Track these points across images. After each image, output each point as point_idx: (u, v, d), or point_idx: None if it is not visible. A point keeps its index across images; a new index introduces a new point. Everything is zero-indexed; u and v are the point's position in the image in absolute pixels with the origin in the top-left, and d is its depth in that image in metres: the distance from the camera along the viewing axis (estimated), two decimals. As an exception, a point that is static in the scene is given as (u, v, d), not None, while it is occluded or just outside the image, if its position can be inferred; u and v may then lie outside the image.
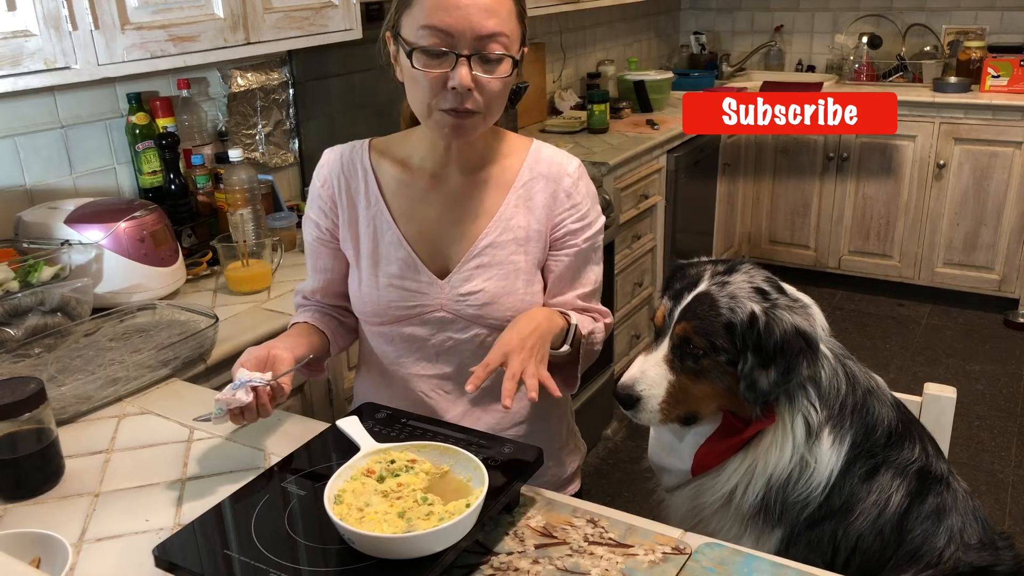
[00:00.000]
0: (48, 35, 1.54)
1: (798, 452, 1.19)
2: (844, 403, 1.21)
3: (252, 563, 0.92)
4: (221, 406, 1.13)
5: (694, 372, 1.20)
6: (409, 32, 1.16)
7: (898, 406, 1.27)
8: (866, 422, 1.21)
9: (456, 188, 1.29)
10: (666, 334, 1.23)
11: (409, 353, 1.34)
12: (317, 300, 1.42)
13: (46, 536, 1.01)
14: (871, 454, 1.20)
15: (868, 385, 1.25)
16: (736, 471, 1.23)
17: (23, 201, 1.89)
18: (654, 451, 1.37)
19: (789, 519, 1.21)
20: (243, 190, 2.02)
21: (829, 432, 1.19)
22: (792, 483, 1.20)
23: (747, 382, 1.16)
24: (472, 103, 1.15)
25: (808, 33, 4.59)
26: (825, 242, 4.28)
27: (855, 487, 1.19)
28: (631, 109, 3.79)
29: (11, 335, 1.49)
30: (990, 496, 2.78)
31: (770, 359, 1.15)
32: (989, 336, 3.85)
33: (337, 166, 1.33)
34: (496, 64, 1.16)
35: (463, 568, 0.98)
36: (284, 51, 2.18)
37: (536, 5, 2.96)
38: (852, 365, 1.26)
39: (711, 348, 1.18)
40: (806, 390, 1.19)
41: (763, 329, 1.15)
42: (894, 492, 1.20)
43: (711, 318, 1.18)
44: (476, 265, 1.28)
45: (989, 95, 3.77)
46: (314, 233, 1.36)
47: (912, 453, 1.22)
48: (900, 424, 1.24)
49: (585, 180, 1.32)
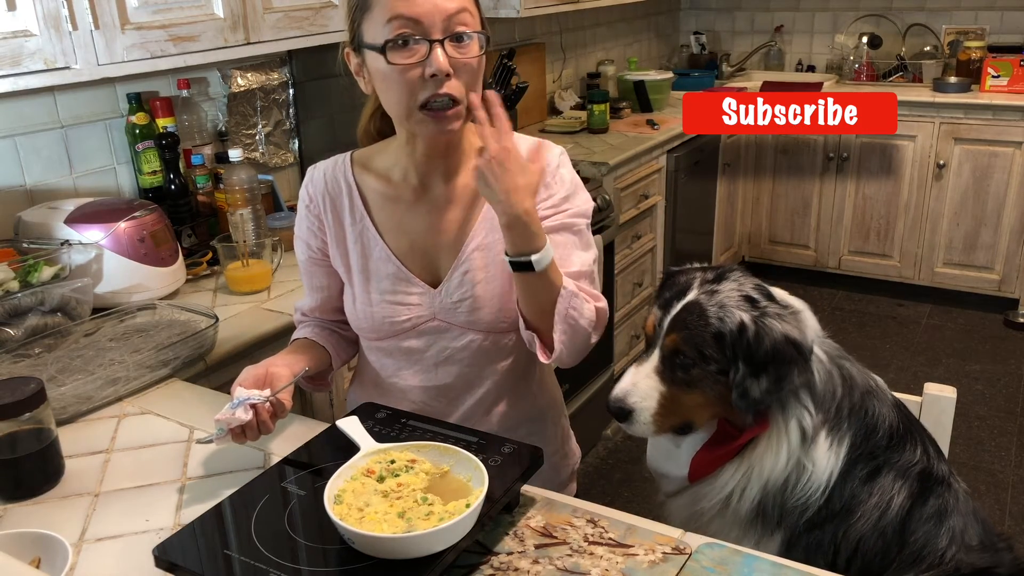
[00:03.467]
0: (48, 35, 1.54)
1: (794, 456, 1.19)
2: (840, 406, 1.21)
3: (252, 563, 0.92)
4: (221, 426, 1.13)
5: (685, 383, 1.20)
6: (374, 34, 1.14)
7: (899, 407, 1.27)
8: (865, 423, 1.21)
9: (440, 197, 1.28)
10: (656, 344, 1.23)
11: (408, 365, 1.33)
12: (316, 317, 1.42)
13: (46, 536, 1.01)
14: (872, 456, 1.20)
15: (867, 386, 1.25)
16: (732, 477, 1.23)
17: (23, 201, 1.89)
18: (653, 457, 1.37)
19: (789, 523, 1.21)
20: (243, 190, 2.02)
21: (826, 435, 1.19)
22: (790, 487, 1.20)
23: (739, 391, 1.16)
24: (452, 88, 1.14)
25: (808, 33, 4.59)
26: (825, 242, 4.28)
27: (856, 489, 1.19)
28: (631, 109, 3.79)
29: (11, 335, 1.49)
30: (990, 496, 2.78)
31: (761, 368, 1.15)
32: (989, 336, 3.85)
33: (321, 184, 1.32)
34: (468, 43, 1.15)
35: (463, 568, 0.98)
36: (284, 51, 2.18)
37: (536, 5, 2.96)
38: (849, 366, 1.26)
39: (701, 358, 1.18)
40: (799, 395, 1.19)
41: (752, 339, 1.15)
42: (896, 494, 1.20)
43: (700, 328, 1.18)
44: (465, 271, 1.27)
45: (989, 95, 3.77)
46: (306, 253, 1.36)
47: (914, 455, 1.22)
48: (901, 425, 1.24)
49: (565, 168, 1.30)
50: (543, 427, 1.41)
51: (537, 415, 1.40)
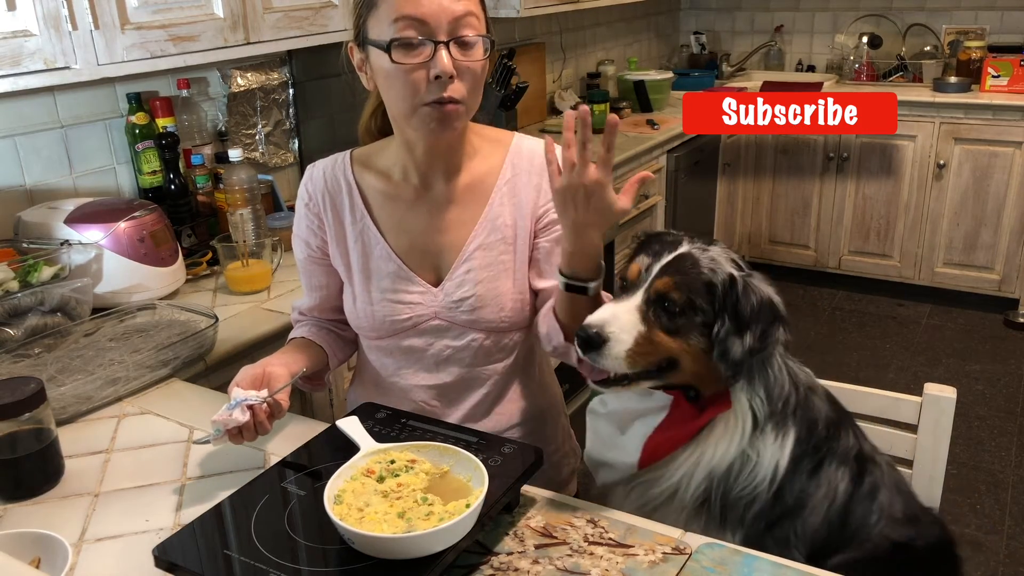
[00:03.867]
0: (48, 35, 1.54)
1: (743, 444, 1.17)
2: (788, 401, 1.19)
3: (252, 563, 0.92)
4: (219, 427, 1.13)
5: (668, 329, 1.14)
6: (380, 31, 1.14)
7: (828, 396, 1.27)
8: (808, 418, 1.21)
9: (441, 196, 1.28)
10: (640, 287, 1.16)
11: (409, 365, 1.33)
12: (314, 316, 1.41)
13: (46, 536, 1.01)
14: (816, 449, 1.20)
15: (809, 382, 1.25)
16: (685, 462, 1.18)
17: (23, 201, 1.89)
18: (594, 448, 1.30)
19: (735, 517, 1.19)
20: (243, 190, 2.02)
21: (772, 428, 1.18)
22: (733, 476, 1.18)
23: (720, 348, 1.13)
24: (455, 91, 1.14)
25: (808, 33, 4.59)
26: (825, 242, 4.28)
27: (804, 483, 1.19)
28: (631, 109, 3.79)
29: (11, 335, 1.49)
30: (990, 496, 2.78)
31: (745, 324, 1.13)
32: (989, 336, 3.85)
33: (321, 182, 1.32)
34: (473, 47, 1.15)
35: (463, 568, 0.98)
36: (284, 51, 2.18)
37: (536, 5, 2.96)
38: (792, 364, 1.25)
39: (689, 306, 1.13)
40: (766, 374, 1.17)
41: (741, 292, 1.13)
42: (840, 481, 1.20)
43: (694, 275, 1.14)
44: (467, 269, 1.27)
45: (989, 95, 3.77)
46: (305, 252, 1.35)
47: (848, 440, 1.23)
48: (835, 414, 1.24)
49: None
50: (544, 426, 1.41)
51: (538, 414, 1.40)
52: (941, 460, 1.36)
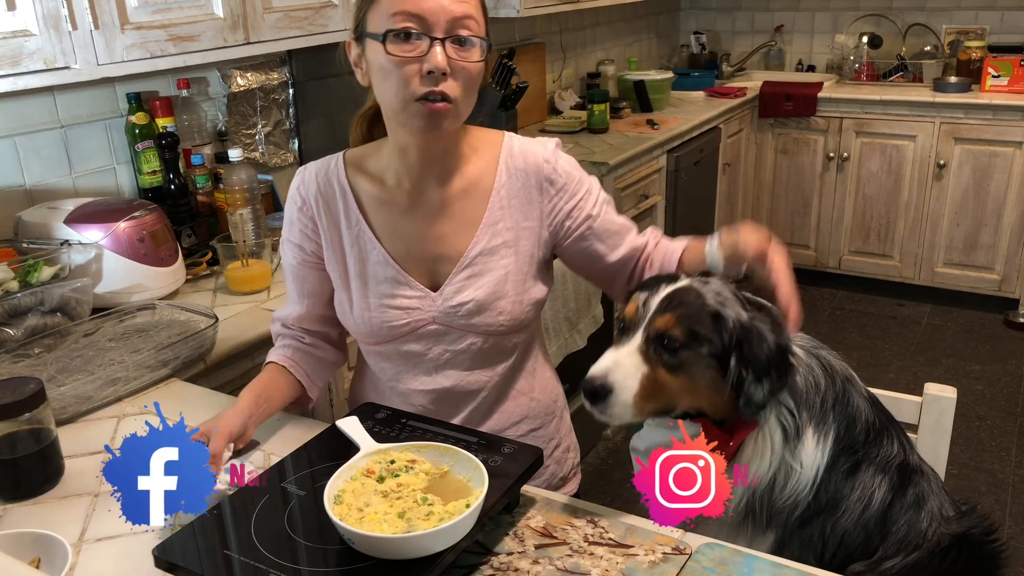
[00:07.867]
0: (48, 35, 1.54)
1: (777, 458, 1.17)
2: (825, 398, 1.19)
3: (252, 563, 0.92)
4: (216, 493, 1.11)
5: (671, 366, 1.12)
6: (378, 24, 1.14)
7: (872, 400, 1.27)
8: (847, 414, 1.20)
9: (436, 203, 1.27)
10: (639, 326, 1.14)
11: (408, 369, 1.32)
12: (299, 328, 1.38)
13: (46, 536, 1.01)
14: (852, 450, 1.20)
15: (846, 373, 1.24)
16: None
17: (23, 201, 1.89)
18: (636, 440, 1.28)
19: (779, 522, 1.20)
20: (243, 190, 2.02)
21: (813, 432, 1.18)
22: (778, 489, 1.18)
23: (744, 399, 1.12)
24: (447, 88, 1.14)
25: (808, 33, 4.59)
26: (825, 242, 4.28)
27: (839, 484, 1.19)
28: (631, 109, 3.79)
29: (11, 335, 1.49)
30: (990, 496, 2.78)
31: (764, 371, 1.12)
32: (989, 336, 3.85)
33: (314, 186, 1.30)
34: (469, 48, 1.15)
35: (463, 568, 0.98)
36: (284, 51, 2.18)
37: (536, 5, 2.96)
38: (826, 355, 1.24)
39: (692, 338, 1.11)
40: (787, 386, 1.17)
41: (756, 339, 1.12)
42: (877, 488, 1.19)
43: (697, 308, 1.12)
44: (468, 275, 1.26)
45: (989, 95, 3.77)
46: (298, 257, 1.33)
47: (892, 448, 1.22)
48: (877, 420, 1.23)
49: (563, 158, 1.30)
50: (545, 424, 1.41)
51: (539, 413, 1.40)
52: (941, 460, 1.36)
